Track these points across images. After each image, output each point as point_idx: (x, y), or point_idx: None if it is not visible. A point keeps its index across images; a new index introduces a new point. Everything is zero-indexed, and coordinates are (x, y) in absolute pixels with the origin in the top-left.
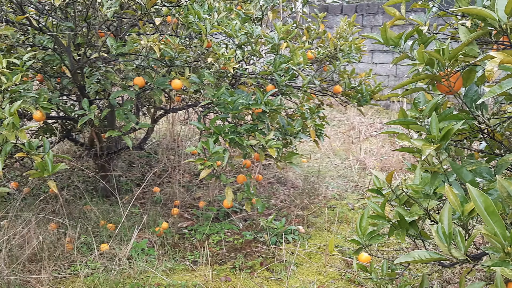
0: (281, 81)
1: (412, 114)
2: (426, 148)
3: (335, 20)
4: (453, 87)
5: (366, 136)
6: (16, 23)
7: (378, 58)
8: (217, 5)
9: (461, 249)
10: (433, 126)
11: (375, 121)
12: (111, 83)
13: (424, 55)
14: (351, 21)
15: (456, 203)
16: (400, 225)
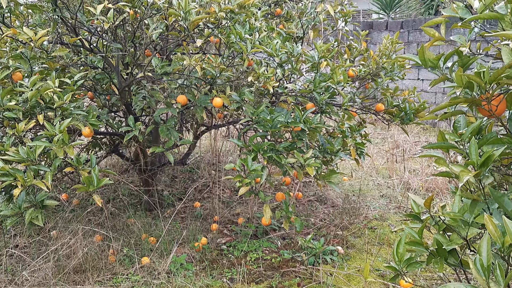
0: (320, 99)
1: (451, 138)
2: (464, 174)
3: (380, 37)
4: (495, 110)
5: (411, 155)
6: (70, 45)
7: (424, 74)
8: (258, 25)
9: (501, 284)
10: (472, 151)
11: (421, 139)
12: (155, 100)
13: (463, 78)
14: (394, 39)
15: (496, 234)
16: (439, 253)
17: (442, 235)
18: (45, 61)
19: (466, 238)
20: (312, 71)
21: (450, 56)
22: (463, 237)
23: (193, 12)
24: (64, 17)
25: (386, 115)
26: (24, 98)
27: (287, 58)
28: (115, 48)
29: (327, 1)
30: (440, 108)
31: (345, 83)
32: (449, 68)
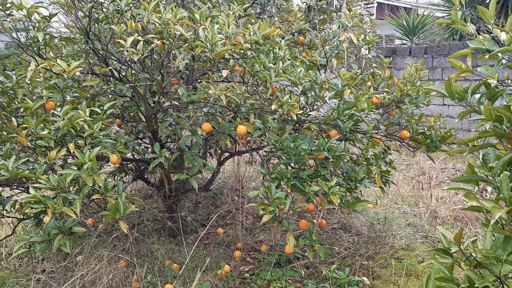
0: (344, 127)
1: (481, 171)
2: (496, 210)
3: (403, 62)
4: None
5: (438, 182)
6: (100, 75)
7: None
8: (282, 54)
9: None
10: (504, 186)
11: (448, 166)
12: (181, 128)
13: (492, 112)
14: (419, 66)
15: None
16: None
17: (474, 272)
18: (76, 91)
19: (499, 276)
20: (335, 98)
21: (477, 88)
22: (496, 274)
23: (219, 44)
24: (96, 49)
25: (411, 142)
26: (56, 127)
27: (310, 86)
28: (142, 77)
29: (350, 30)
30: (469, 140)
31: (369, 110)
32: (477, 100)
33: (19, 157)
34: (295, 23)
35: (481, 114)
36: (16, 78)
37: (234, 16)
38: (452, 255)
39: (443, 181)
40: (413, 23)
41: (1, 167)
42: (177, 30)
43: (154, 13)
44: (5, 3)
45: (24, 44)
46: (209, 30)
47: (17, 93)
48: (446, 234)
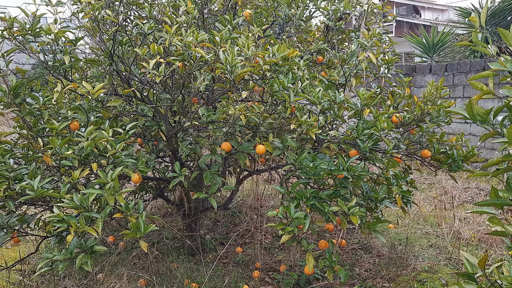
0: (364, 147)
1: (505, 195)
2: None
3: (423, 80)
4: None
5: (461, 202)
6: (123, 95)
7: None
8: (301, 74)
9: None
10: None
11: (471, 186)
12: (200, 147)
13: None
14: (439, 85)
15: None
16: None
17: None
18: (99, 111)
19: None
20: (354, 118)
21: (500, 110)
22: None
23: (239, 66)
24: (119, 70)
25: (433, 162)
26: (80, 147)
27: (329, 105)
28: (164, 97)
29: (369, 49)
30: (492, 164)
31: (388, 130)
32: (500, 122)
33: (44, 176)
34: (313, 42)
35: (504, 137)
36: (43, 100)
37: (254, 38)
38: (476, 281)
39: (466, 201)
40: (433, 41)
41: (27, 186)
42: (198, 52)
43: (176, 36)
44: (35, 28)
45: (51, 66)
46: (229, 52)
47: (44, 114)
48: (470, 258)
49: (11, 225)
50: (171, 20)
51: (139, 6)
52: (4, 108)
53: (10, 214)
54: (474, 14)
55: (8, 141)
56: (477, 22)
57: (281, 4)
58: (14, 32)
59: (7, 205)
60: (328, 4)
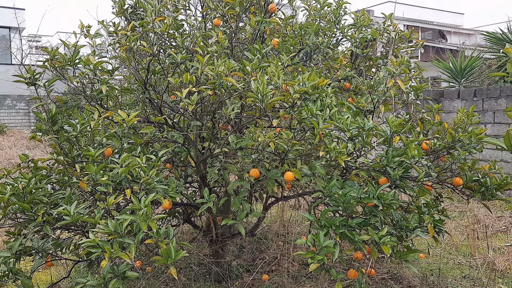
0: (394, 175)
1: None
2: None
3: (451, 105)
4: None
5: (494, 231)
6: (155, 123)
7: None
8: (329, 101)
9: None
10: None
11: (504, 214)
12: (228, 173)
13: None
14: (470, 112)
15: None
16: None
17: None
18: (132, 137)
19: None
20: (383, 145)
21: None
22: None
23: (270, 95)
24: (151, 98)
25: (465, 190)
26: (114, 173)
27: (358, 132)
28: (194, 124)
29: (397, 76)
30: None
31: (419, 158)
32: None
33: (79, 201)
34: (340, 69)
35: None
36: (80, 127)
37: (283, 67)
38: None
39: (500, 230)
40: (461, 66)
41: (64, 211)
42: (230, 81)
43: (208, 66)
44: (74, 59)
45: (89, 95)
46: (259, 81)
47: (80, 141)
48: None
49: (46, 249)
50: (202, 50)
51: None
52: (42, 135)
53: (45, 239)
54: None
55: (45, 166)
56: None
57: (308, 32)
58: (55, 62)
59: (44, 230)
60: (356, 32)
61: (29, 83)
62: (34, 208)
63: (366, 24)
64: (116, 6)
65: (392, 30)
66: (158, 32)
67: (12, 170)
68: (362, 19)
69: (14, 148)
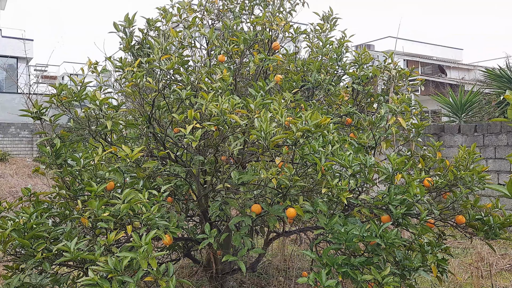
0: (396, 213)
1: None
2: None
3: (452, 140)
4: None
5: (499, 270)
6: (158, 157)
7: (505, 179)
8: (331, 137)
9: None
10: None
11: (508, 252)
12: (230, 207)
13: None
14: (471, 150)
15: None
16: None
17: None
18: (135, 171)
19: None
20: (385, 182)
21: None
22: None
23: (273, 133)
24: (155, 133)
25: (468, 228)
26: (116, 209)
27: (360, 168)
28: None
29: (398, 114)
30: None
31: (421, 196)
32: None
33: (79, 237)
34: (342, 105)
35: None
36: (83, 162)
37: (286, 104)
38: None
39: (504, 269)
40: (461, 101)
41: (64, 248)
42: (233, 118)
43: (212, 103)
44: (81, 95)
45: (94, 130)
46: (263, 119)
47: (83, 175)
48: None
49: (44, 285)
50: (207, 86)
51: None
52: (46, 168)
53: (43, 274)
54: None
55: (47, 200)
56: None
57: (310, 69)
58: (62, 98)
59: (44, 267)
60: (357, 70)
61: (35, 117)
62: (34, 244)
63: (367, 62)
64: (123, 42)
65: (393, 67)
66: (164, 69)
67: (14, 204)
68: (363, 57)
69: (16, 177)
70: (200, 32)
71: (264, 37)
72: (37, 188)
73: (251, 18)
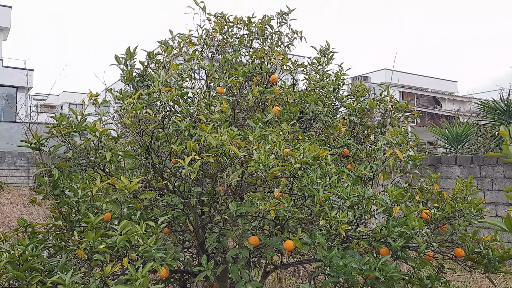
0: (395, 246)
1: None
2: None
3: (449, 171)
4: None
5: None
6: (156, 188)
7: (502, 211)
8: (329, 169)
9: None
10: None
11: (509, 286)
12: (228, 239)
13: None
14: (468, 182)
15: None
16: None
17: None
18: (132, 202)
19: None
20: (383, 214)
21: None
22: None
23: (271, 164)
24: (154, 164)
25: (467, 261)
26: (112, 241)
27: (358, 200)
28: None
29: (395, 146)
30: None
31: (420, 228)
32: None
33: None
34: (339, 137)
35: None
36: (81, 193)
37: (284, 135)
38: None
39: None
40: (457, 132)
41: (58, 281)
42: (232, 150)
43: (211, 134)
44: (81, 126)
45: (93, 161)
46: (261, 151)
47: (81, 206)
48: None
49: None
50: (206, 118)
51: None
52: (43, 199)
53: None
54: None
55: (43, 231)
56: (507, 135)
57: (308, 101)
58: (62, 129)
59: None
60: (354, 102)
61: (34, 148)
62: (28, 276)
63: (363, 95)
64: (124, 74)
65: (389, 100)
66: (164, 101)
67: (9, 235)
68: (360, 90)
69: (11, 206)
70: (199, 65)
71: (263, 70)
72: (32, 218)
73: (249, 51)
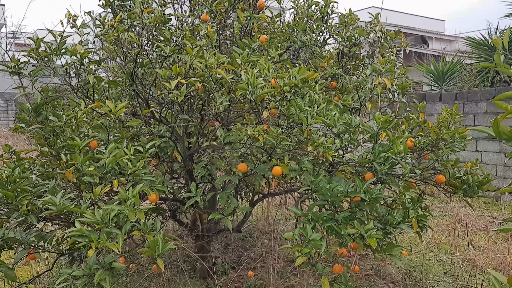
0: (380, 170)
1: None
2: None
3: (433, 108)
4: None
5: (474, 230)
6: (142, 116)
7: (483, 146)
8: (317, 98)
9: None
10: None
11: (484, 214)
12: (216, 168)
13: None
14: (453, 110)
15: None
16: None
17: None
18: (118, 131)
19: None
20: (370, 142)
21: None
22: None
23: (260, 87)
24: (139, 91)
25: (447, 187)
26: (101, 164)
27: (345, 128)
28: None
29: (383, 75)
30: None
31: (405, 153)
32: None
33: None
34: (328, 68)
35: None
36: (65, 118)
37: (272, 61)
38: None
39: (480, 229)
40: (442, 70)
41: (49, 201)
42: (220, 73)
43: (197, 58)
44: (60, 49)
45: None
46: (250, 73)
47: (66, 132)
48: (499, 277)
49: (29, 242)
50: (191, 43)
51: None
52: (26, 126)
53: (28, 231)
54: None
55: (30, 158)
56: (499, 44)
57: (296, 30)
58: (41, 52)
59: (29, 219)
60: (343, 31)
61: (13, 72)
62: (18, 197)
63: (353, 23)
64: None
65: (379, 29)
66: (146, 23)
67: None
68: (349, 19)
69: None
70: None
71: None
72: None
73: None
